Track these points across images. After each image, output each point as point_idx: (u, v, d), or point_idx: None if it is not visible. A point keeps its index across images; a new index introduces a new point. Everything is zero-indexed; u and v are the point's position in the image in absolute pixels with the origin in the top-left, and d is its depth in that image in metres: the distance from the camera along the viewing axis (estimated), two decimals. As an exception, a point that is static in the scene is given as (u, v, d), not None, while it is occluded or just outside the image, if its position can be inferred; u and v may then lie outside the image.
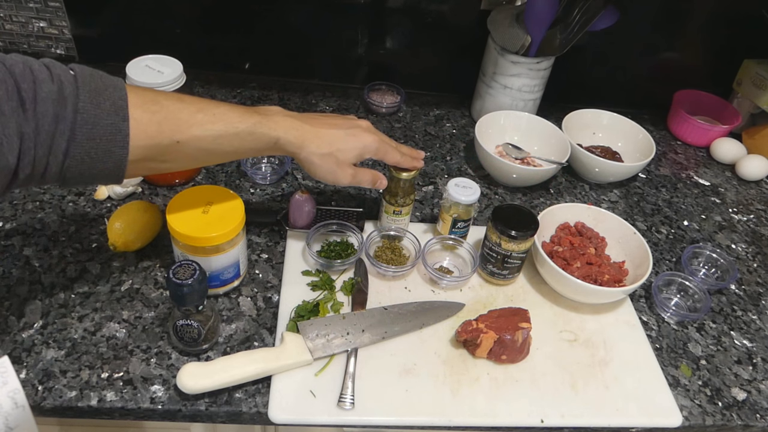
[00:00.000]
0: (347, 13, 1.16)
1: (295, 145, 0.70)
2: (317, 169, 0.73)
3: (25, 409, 0.52)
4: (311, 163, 0.72)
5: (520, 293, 0.86)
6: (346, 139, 0.74)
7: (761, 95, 1.21)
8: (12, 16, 1.12)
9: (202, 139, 0.64)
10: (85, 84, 0.56)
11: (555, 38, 1.07)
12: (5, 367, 0.51)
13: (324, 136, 0.72)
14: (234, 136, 0.66)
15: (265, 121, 0.68)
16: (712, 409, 0.76)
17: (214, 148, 0.65)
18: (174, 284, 0.64)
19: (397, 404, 0.70)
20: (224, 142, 0.65)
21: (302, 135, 0.70)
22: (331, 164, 0.73)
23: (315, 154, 0.72)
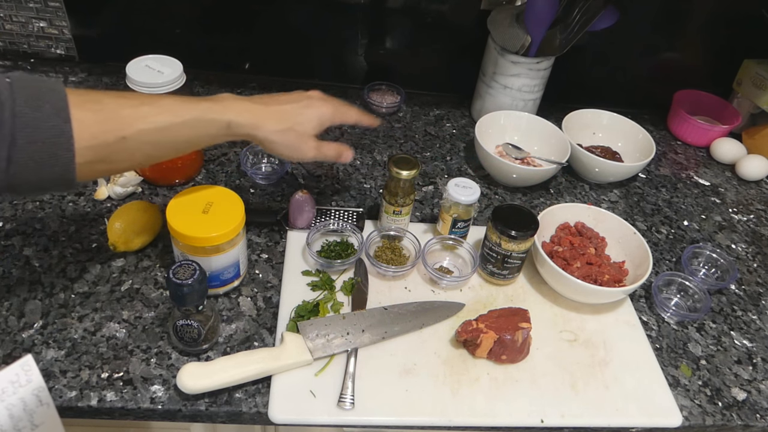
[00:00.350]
0: (347, 13, 1.16)
1: (250, 126, 0.69)
2: (279, 147, 0.72)
3: (50, 407, 0.52)
4: (272, 142, 0.72)
5: (520, 293, 0.86)
6: (301, 111, 0.73)
7: (761, 95, 1.21)
8: (12, 16, 1.12)
9: (149, 132, 0.62)
10: (22, 89, 0.55)
11: (555, 38, 1.07)
12: (29, 365, 0.52)
13: (278, 112, 0.72)
14: (182, 126, 0.64)
15: (214, 106, 0.67)
16: (712, 409, 0.76)
17: (163, 140, 0.64)
18: (174, 284, 0.64)
19: (397, 404, 0.70)
20: (173, 133, 0.64)
21: (255, 115, 0.70)
22: (292, 139, 0.72)
23: (273, 132, 0.71)
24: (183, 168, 0.93)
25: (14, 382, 0.49)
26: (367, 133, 1.15)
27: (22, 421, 0.50)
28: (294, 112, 0.73)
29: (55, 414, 0.53)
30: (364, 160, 1.08)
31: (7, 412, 0.49)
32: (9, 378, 0.49)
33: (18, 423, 0.50)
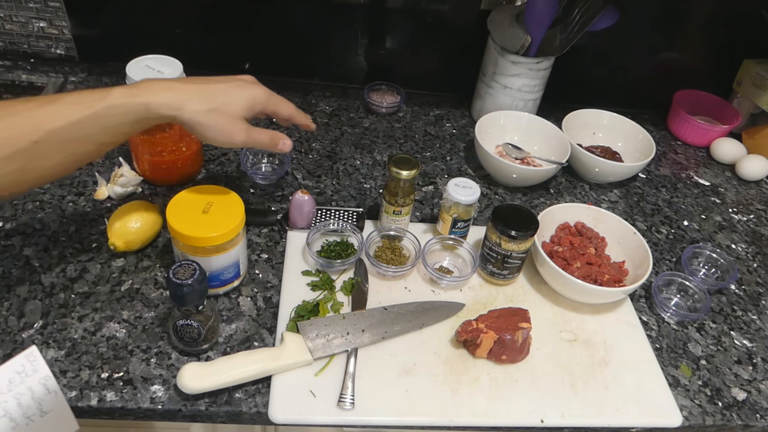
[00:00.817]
0: (347, 13, 1.16)
1: (172, 107, 0.64)
2: (205, 129, 0.67)
3: (57, 394, 0.53)
4: (198, 123, 0.66)
5: (520, 293, 0.86)
6: (230, 92, 0.68)
7: (761, 95, 1.21)
8: (12, 16, 1.12)
9: (61, 131, 0.59)
10: None
11: (555, 38, 1.07)
12: (34, 355, 0.52)
13: (204, 91, 0.67)
14: (94, 117, 0.60)
15: (129, 91, 0.63)
16: (712, 409, 0.76)
17: (79, 136, 0.60)
18: (174, 284, 0.64)
19: (397, 404, 0.70)
20: (87, 127, 0.60)
21: (178, 94, 0.65)
22: (219, 121, 0.67)
23: (199, 112, 0.66)
24: (183, 168, 0.93)
25: (20, 372, 0.50)
26: (367, 133, 1.15)
27: (31, 409, 0.50)
28: (222, 92, 0.68)
29: (63, 400, 0.53)
30: (364, 160, 1.08)
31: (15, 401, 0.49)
32: (15, 369, 0.50)
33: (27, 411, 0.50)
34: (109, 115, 0.61)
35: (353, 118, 1.18)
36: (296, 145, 1.09)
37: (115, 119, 0.62)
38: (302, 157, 1.06)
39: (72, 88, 1.13)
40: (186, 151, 0.92)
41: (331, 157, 1.07)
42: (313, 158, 1.06)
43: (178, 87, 0.65)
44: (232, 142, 0.69)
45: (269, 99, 0.72)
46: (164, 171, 0.92)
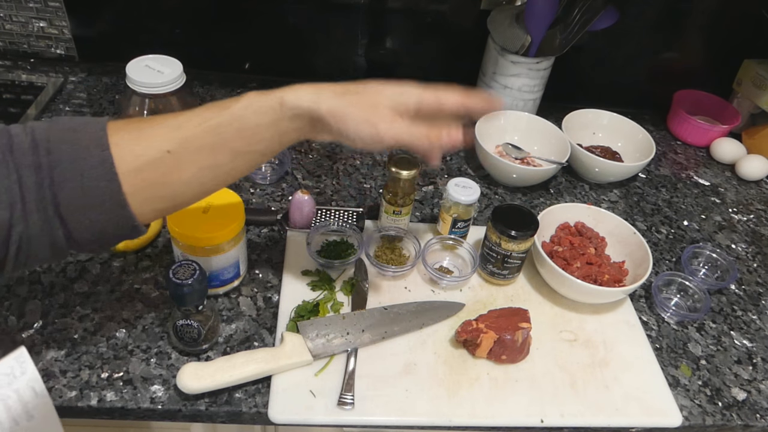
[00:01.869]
0: (347, 13, 1.16)
1: (308, 98, 0.57)
2: (346, 119, 0.57)
3: (45, 398, 0.52)
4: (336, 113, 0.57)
5: (520, 293, 0.86)
6: (371, 83, 0.60)
7: (761, 95, 1.21)
8: (12, 16, 1.12)
9: (194, 138, 0.55)
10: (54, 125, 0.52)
11: (555, 38, 1.07)
12: (23, 357, 0.52)
13: (343, 84, 0.59)
14: (230, 121, 0.55)
15: (265, 92, 0.58)
16: (712, 409, 0.76)
17: (213, 142, 0.55)
18: (174, 284, 0.64)
19: (397, 404, 0.70)
20: (221, 131, 0.55)
21: (314, 88, 0.58)
22: (361, 107, 0.58)
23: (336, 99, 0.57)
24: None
25: (8, 374, 0.49)
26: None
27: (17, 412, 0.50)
28: (362, 84, 0.59)
29: (50, 404, 0.53)
30: (364, 160, 1.08)
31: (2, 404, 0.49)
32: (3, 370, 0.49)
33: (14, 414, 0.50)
34: (244, 116, 0.56)
35: (353, 118, 1.18)
36: (296, 145, 1.08)
37: (250, 120, 0.56)
38: (302, 157, 1.06)
39: (72, 88, 1.13)
40: (186, 151, 0.91)
41: (331, 157, 1.07)
42: (313, 158, 1.06)
43: (315, 84, 0.59)
44: (379, 133, 0.57)
45: (422, 89, 0.60)
46: (164, 171, 0.92)
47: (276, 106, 0.57)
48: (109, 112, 1.08)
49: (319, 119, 0.57)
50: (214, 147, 0.56)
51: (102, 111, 1.08)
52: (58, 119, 0.53)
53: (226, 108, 0.56)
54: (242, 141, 0.57)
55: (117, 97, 1.12)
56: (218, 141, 0.56)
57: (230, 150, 0.57)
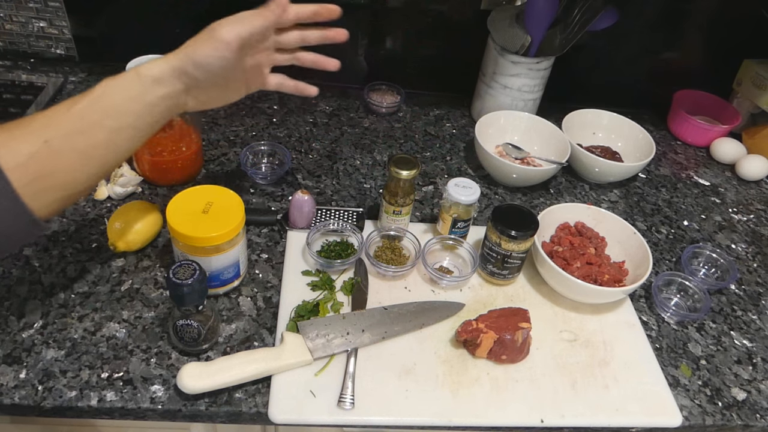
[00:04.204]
0: (347, 13, 1.16)
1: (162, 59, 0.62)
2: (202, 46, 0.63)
3: None
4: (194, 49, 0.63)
5: (520, 293, 0.86)
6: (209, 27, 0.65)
7: (761, 95, 1.21)
8: (12, 16, 1.12)
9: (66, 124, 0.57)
10: None
11: (555, 38, 1.07)
12: None
13: None
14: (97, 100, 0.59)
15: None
16: (712, 409, 0.76)
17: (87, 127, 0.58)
18: (174, 284, 0.64)
19: (397, 404, 0.70)
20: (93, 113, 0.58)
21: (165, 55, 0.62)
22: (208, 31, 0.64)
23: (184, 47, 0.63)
24: (183, 168, 0.93)
25: None
26: (367, 133, 1.15)
27: None
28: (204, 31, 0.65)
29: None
30: (364, 160, 1.08)
31: None
32: None
33: None
34: (105, 93, 0.59)
35: (353, 118, 1.18)
36: (296, 145, 1.09)
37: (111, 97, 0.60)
38: (302, 157, 1.06)
39: (72, 88, 1.13)
40: (186, 151, 0.92)
41: (331, 157, 1.07)
42: (313, 158, 1.06)
43: None
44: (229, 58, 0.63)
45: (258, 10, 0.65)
46: (164, 171, 0.92)
47: (133, 77, 0.61)
48: (109, 112, 1.08)
49: (179, 70, 0.62)
50: (84, 129, 0.58)
51: (102, 111, 1.08)
52: None
53: (88, 92, 0.59)
54: (110, 118, 0.60)
55: (117, 97, 1.12)
56: (87, 123, 0.59)
57: (102, 128, 0.59)
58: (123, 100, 0.60)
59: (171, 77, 0.62)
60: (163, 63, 0.62)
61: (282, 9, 0.66)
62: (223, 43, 0.63)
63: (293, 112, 1.17)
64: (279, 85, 0.72)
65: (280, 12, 0.66)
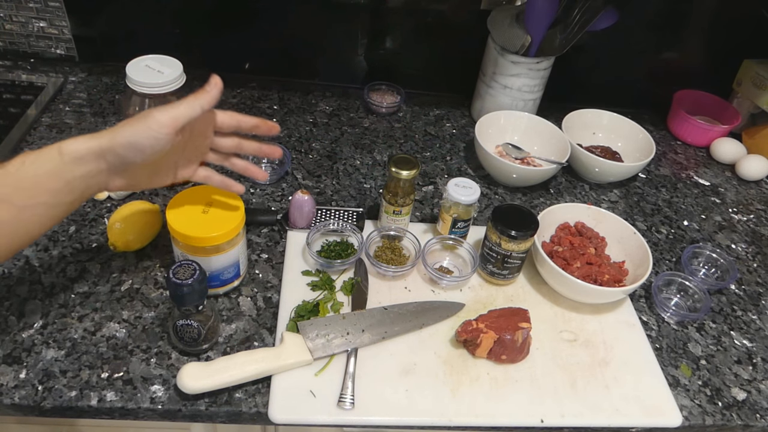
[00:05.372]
0: (347, 13, 1.16)
1: (89, 137, 0.58)
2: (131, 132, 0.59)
3: None
4: (123, 132, 0.59)
5: (520, 293, 0.86)
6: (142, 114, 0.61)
7: (761, 95, 1.21)
8: (12, 16, 1.12)
9: None
10: None
11: (555, 38, 1.07)
12: None
13: None
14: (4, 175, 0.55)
15: (41, 148, 0.58)
16: (712, 409, 0.76)
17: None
18: (174, 284, 0.64)
19: (397, 404, 0.70)
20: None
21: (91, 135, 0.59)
22: (142, 118, 0.60)
23: (116, 128, 0.59)
24: (183, 168, 0.93)
25: None
26: (367, 133, 1.15)
27: None
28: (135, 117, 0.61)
29: None
30: (364, 160, 1.08)
31: None
32: None
33: None
34: (19, 171, 0.56)
35: (353, 118, 1.18)
36: (296, 145, 1.09)
37: (26, 172, 0.56)
38: (302, 157, 1.06)
39: (72, 88, 1.13)
40: (186, 151, 0.92)
41: (331, 157, 1.07)
42: (313, 158, 1.06)
43: None
44: (159, 120, 0.59)
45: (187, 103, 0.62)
46: (164, 171, 0.92)
47: (54, 155, 0.57)
48: (109, 112, 1.08)
49: (105, 150, 0.59)
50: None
51: (102, 111, 1.08)
52: None
53: (4, 164, 0.56)
54: (22, 194, 0.56)
55: (117, 97, 1.12)
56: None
57: (11, 205, 0.56)
58: (39, 176, 0.57)
59: (95, 157, 0.59)
60: (88, 140, 0.59)
61: (217, 91, 0.63)
62: (157, 124, 0.59)
63: (293, 112, 1.17)
64: (206, 178, 0.72)
65: (216, 93, 0.63)
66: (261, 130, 0.71)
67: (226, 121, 0.69)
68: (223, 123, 0.69)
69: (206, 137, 0.70)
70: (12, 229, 0.57)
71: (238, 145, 0.73)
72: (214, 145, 0.72)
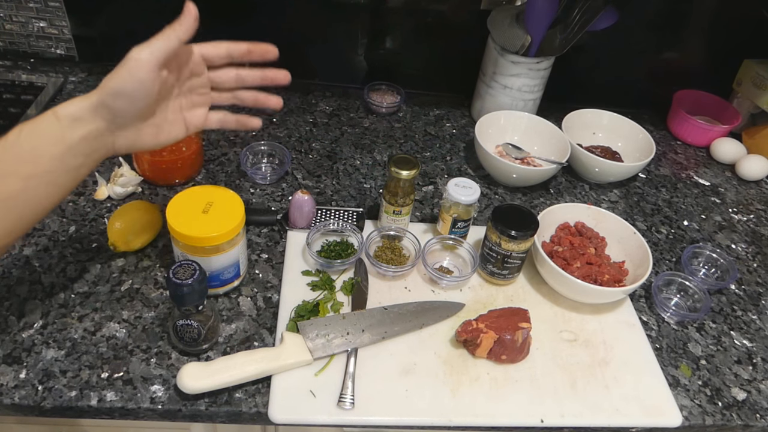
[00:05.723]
0: (347, 13, 1.16)
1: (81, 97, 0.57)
2: (122, 78, 0.57)
3: None
4: (114, 83, 0.57)
5: (520, 293, 0.86)
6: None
7: (761, 95, 1.21)
8: (12, 16, 1.12)
9: None
10: None
11: (555, 38, 1.07)
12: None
13: None
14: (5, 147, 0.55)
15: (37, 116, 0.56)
16: (712, 409, 0.76)
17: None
18: (174, 284, 0.64)
19: (397, 404, 0.70)
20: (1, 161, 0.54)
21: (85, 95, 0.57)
22: (126, 62, 0.58)
23: (105, 81, 0.57)
24: (183, 168, 0.93)
25: None
26: (367, 133, 1.15)
27: None
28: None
29: None
30: (364, 160, 1.08)
31: None
32: None
33: None
34: (18, 140, 0.55)
35: (353, 118, 1.18)
36: (296, 145, 1.09)
37: (25, 142, 0.55)
38: (302, 157, 1.06)
39: (72, 88, 1.13)
40: (186, 151, 0.92)
41: (331, 157, 1.07)
42: (313, 158, 1.06)
43: None
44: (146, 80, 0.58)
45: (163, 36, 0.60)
46: (164, 171, 0.92)
47: (52, 120, 0.56)
48: (109, 112, 1.08)
49: (98, 104, 0.57)
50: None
51: (102, 111, 1.08)
52: None
53: (2, 138, 0.55)
54: (26, 165, 0.55)
55: (117, 97, 1.12)
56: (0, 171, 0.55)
57: (17, 176, 0.55)
58: (40, 144, 0.55)
59: (90, 114, 0.57)
60: (81, 100, 0.57)
61: (192, 19, 0.60)
62: (136, 63, 0.57)
63: (293, 112, 1.17)
64: (221, 122, 0.68)
65: (191, 22, 0.60)
66: (255, 54, 0.65)
67: (213, 51, 0.65)
68: (211, 53, 0.65)
69: (199, 74, 0.65)
70: (21, 203, 0.56)
71: (238, 77, 0.67)
72: (213, 83, 0.67)
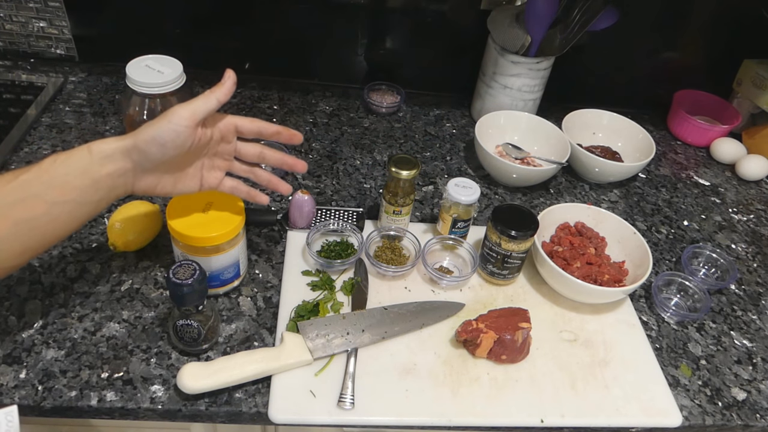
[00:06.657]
0: (347, 13, 1.16)
1: (116, 138, 0.61)
2: (158, 130, 0.61)
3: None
4: (149, 132, 0.61)
5: (520, 293, 0.86)
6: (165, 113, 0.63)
7: (761, 95, 1.21)
8: (12, 16, 1.12)
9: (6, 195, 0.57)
10: None
11: (555, 38, 1.07)
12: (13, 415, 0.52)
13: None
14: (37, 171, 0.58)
15: (72, 148, 0.60)
16: (712, 409, 0.76)
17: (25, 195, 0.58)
18: (174, 284, 0.64)
19: (397, 404, 0.70)
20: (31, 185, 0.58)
21: (120, 136, 0.61)
22: (167, 116, 0.62)
23: (142, 130, 0.61)
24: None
25: None
26: (367, 133, 1.15)
27: None
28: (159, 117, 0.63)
29: None
30: (364, 160, 1.08)
31: None
32: None
33: None
34: (51, 168, 0.59)
35: (353, 118, 1.18)
36: (296, 145, 1.08)
37: (58, 170, 0.59)
38: (302, 157, 1.06)
39: (72, 88, 1.13)
40: (186, 151, 0.91)
41: (331, 157, 1.07)
42: (313, 158, 1.06)
43: None
44: (182, 132, 0.62)
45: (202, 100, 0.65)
46: (164, 171, 0.92)
47: (85, 154, 0.60)
48: (109, 112, 1.08)
49: (131, 147, 0.61)
50: (25, 200, 0.58)
51: (102, 111, 1.08)
52: None
53: (35, 164, 0.59)
54: (53, 191, 0.59)
55: (117, 97, 1.12)
56: (29, 194, 0.58)
57: (44, 202, 0.59)
58: (69, 172, 0.59)
59: (121, 154, 0.61)
60: (116, 140, 0.61)
61: (231, 83, 0.66)
62: (176, 116, 0.62)
63: (293, 112, 1.17)
64: (233, 189, 0.73)
65: (230, 85, 0.66)
66: (283, 137, 0.72)
67: (247, 125, 0.70)
68: (245, 126, 0.70)
69: (229, 142, 0.70)
70: (43, 225, 0.60)
71: (261, 154, 0.72)
72: (238, 153, 0.72)
